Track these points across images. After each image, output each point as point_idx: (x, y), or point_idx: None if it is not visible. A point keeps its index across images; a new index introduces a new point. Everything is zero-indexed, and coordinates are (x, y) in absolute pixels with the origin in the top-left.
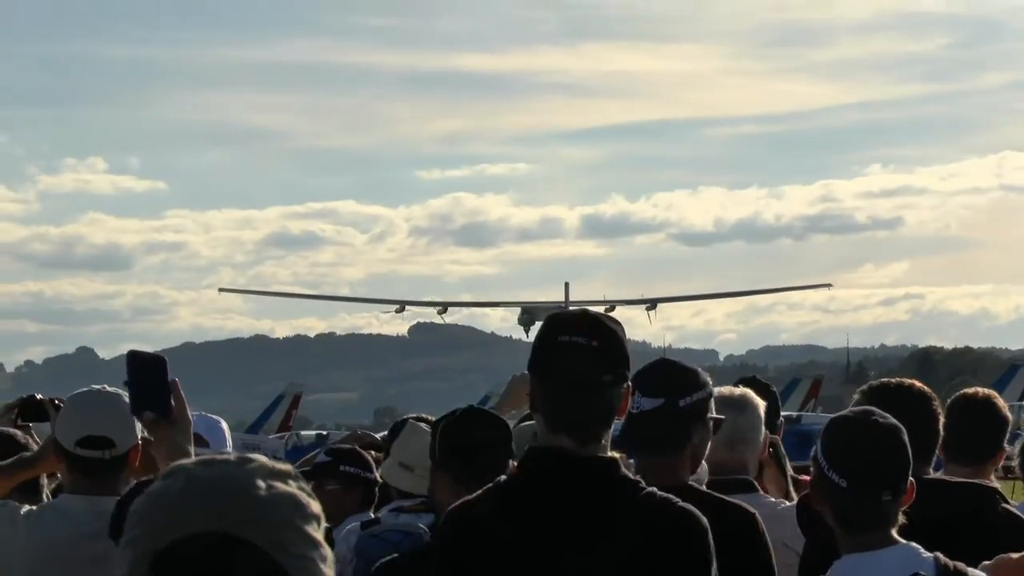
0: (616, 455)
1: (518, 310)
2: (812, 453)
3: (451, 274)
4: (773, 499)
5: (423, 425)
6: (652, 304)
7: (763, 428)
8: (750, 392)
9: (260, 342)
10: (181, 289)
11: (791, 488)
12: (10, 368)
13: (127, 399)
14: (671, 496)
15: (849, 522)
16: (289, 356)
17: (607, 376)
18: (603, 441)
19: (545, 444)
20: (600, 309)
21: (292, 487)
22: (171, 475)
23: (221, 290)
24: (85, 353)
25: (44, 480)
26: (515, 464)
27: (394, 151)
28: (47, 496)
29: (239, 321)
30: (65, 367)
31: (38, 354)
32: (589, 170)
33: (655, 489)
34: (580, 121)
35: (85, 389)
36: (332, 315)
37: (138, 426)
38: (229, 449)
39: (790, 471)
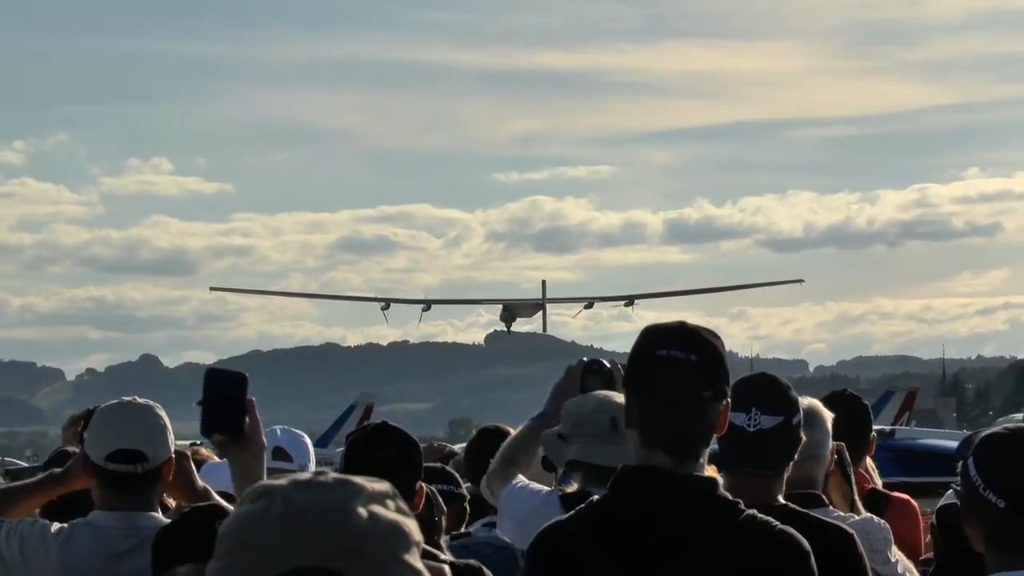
0: (714, 474)
1: (546, 310)
2: (960, 469)
3: (529, 280)
4: (842, 512)
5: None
6: (630, 301)
7: (831, 440)
8: (817, 404)
9: (331, 350)
10: (250, 296)
11: (856, 496)
12: (71, 376)
13: (159, 411)
14: (771, 519)
15: (1005, 544)
16: (361, 365)
17: (706, 392)
18: (701, 460)
19: (640, 462)
20: (579, 307)
21: (393, 511)
22: (263, 497)
23: (212, 289)
24: (148, 361)
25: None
26: (422, 486)
27: (469, 152)
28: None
29: (309, 329)
30: (128, 375)
31: (100, 362)
32: (673, 173)
33: (755, 511)
34: (663, 122)
35: (115, 401)
36: (405, 322)
37: (171, 438)
38: (312, 464)
39: (871, 479)
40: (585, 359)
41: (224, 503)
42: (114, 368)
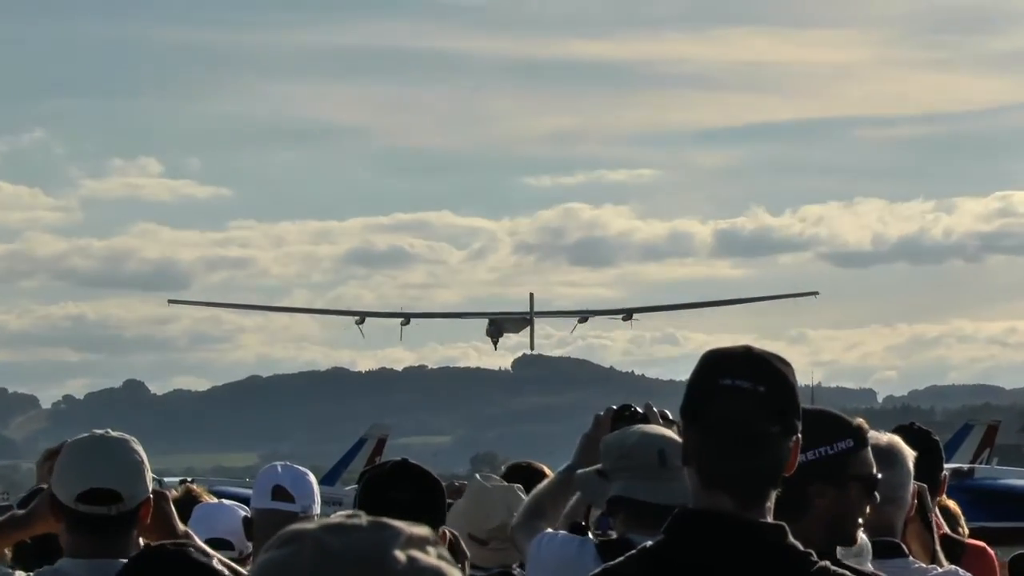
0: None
1: (535, 325)
2: None
3: (563, 298)
4: (924, 564)
5: (496, 479)
6: (628, 315)
7: (912, 483)
8: (898, 441)
9: (339, 376)
10: (248, 314)
11: (937, 546)
12: (46, 403)
13: (135, 445)
14: (847, 572)
15: None
16: (373, 392)
17: (775, 426)
18: (768, 503)
19: (700, 505)
20: (572, 321)
21: (434, 558)
22: (292, 542)
23: (171, 302)
24: (134, 387)
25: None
26: (445, 532)
27: (496, 153)
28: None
29: (314, 351)
30: (111, 403)
31: (79, 388)
32: (724, 177)
33: (828, 563)
34: (714, 119)
35: (85, 434)
36: (422, 344)
37: (149, 476)
38: (317, 505)
39: (944, 527)
40: (615, 406)
41: (208, 549)
42: (95, 395)
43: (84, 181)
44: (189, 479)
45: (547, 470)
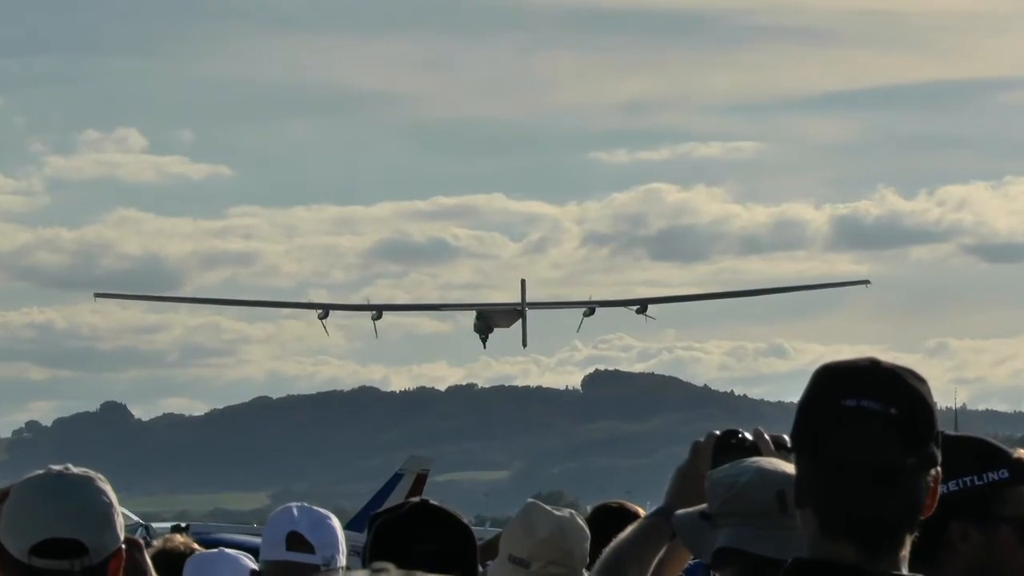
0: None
1: (527, 318)
2: None
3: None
4: None
5: (546, 507)
6: (642, 307)
7: None
8: None
9: (368, 397)
10: (252, 320)
11: None
12: (5, 431)
13: (102, 484)
14: None
15: None
16: (409, 417)
17: (911, 458)
18: (902, 552)
19: (818, 555)
20: (577, 312)
21: None
22: None
23: (97, 295)
24: (113, 411)
25: None
26: None
27: (558, 124)
28: None
29: (337, 367)
30: (84, 431)
31: (45, 412)
32: (843, 153)
33: None
34: (828, 82)
35: (40, 472)
36: (471, 359)
37: (119, 523)
38: (342, 555)
39: None
40: (717, 432)
41: None
42: (65, 421)
43: (49, 158)
44: (183, 524)
45: (641, 512)
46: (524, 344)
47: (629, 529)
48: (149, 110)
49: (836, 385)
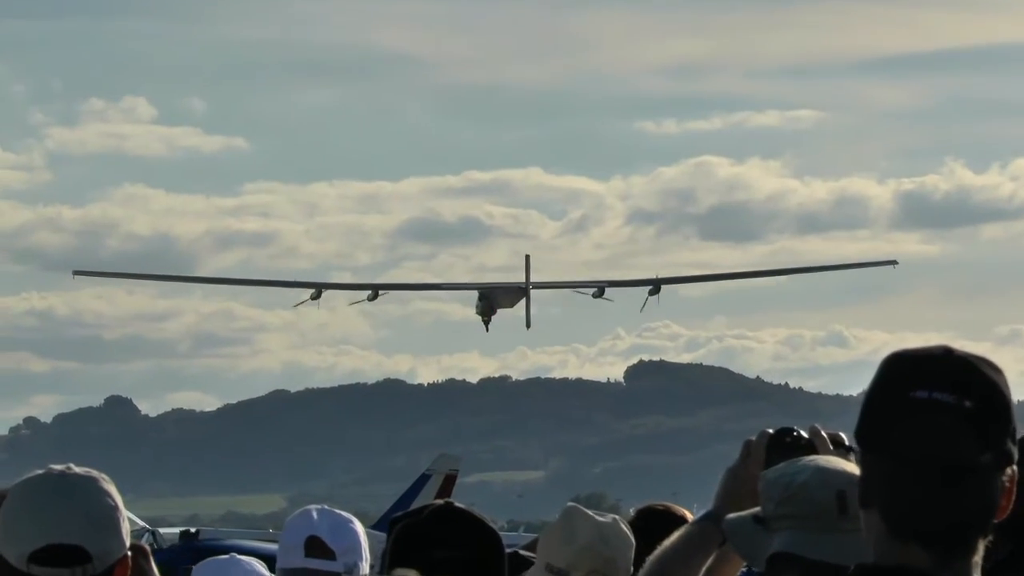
0: None
1: (531, 297)
2: None
3: (691, 284)
4: None
5: (587, 512)
6: (656, 287)
7: None
8: None
9: (393, 390)
10: (270, 307)
11: None
12: (2, 429)
13: (106, 485)
14: None
15: None
16: (439, 413)
17: (985, 454)
18: (975, 558)
19: (885, 560)
20: (587, 292)
21: None
22: None
23: (76, 273)
24: (118, 406)
25: None
26: None
27: (600, 90)
28: None
29: (360, 357)
30: (88, 426)
31: (46, 407)
32: (910, 121)
33: None
34: (895, 44)
35: (40, 472)
36: (506, 348)
37: (125, 527)
38: (365, 561)
39: None
40: (770, 430)
41: None
42: (67, 416)
43: (51, 130)
44: (192, 530)
45: (689, 515)
46: (528, 325)
47: (675, 535)
48: (158, 77)
49: (906, 375)
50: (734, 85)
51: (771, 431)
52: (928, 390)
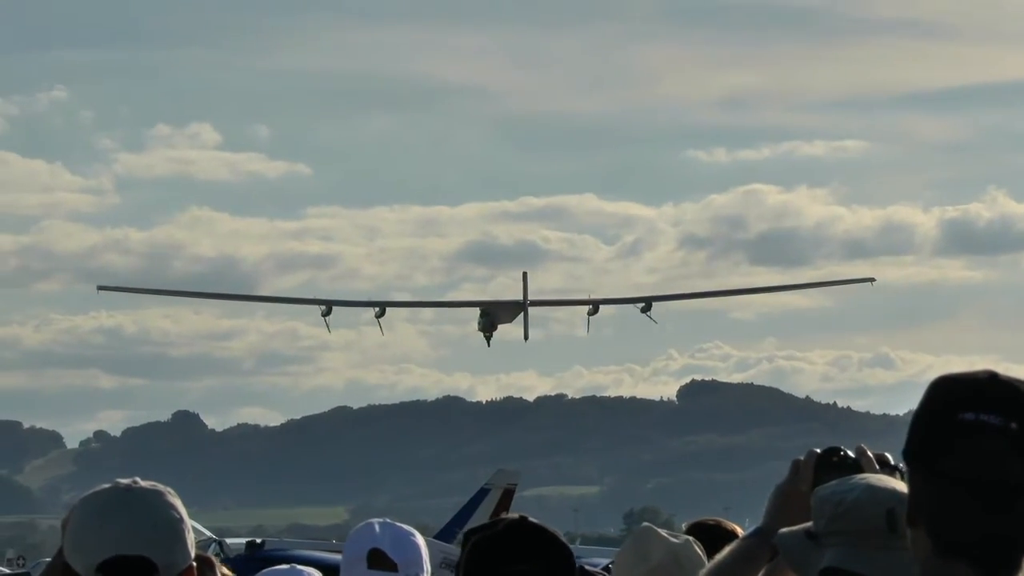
0: None
1: (528, 313)
2: None
3: (743, 307)
4: None
5: (661, 532)
6: (647, 304)
7: None
8: None
9: (452, 407)
10: (334, 327)
11: None
12: (72, 442)
13: (171, 498)
14: None
15: None
16: (497, 429)
17: None
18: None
19: None
20: (582, 311)
21: None
22: None
23: (101, 288)
24: (186, 421)
25: None
26: None
27: (653, 120)
28: None
29: (420, 376)
30: (156, 442)
31: (115, 422)
32: (954, 152)
33: None
34: (939, 78)
35: (107, 486)
36: (563, 367)
37: (190, 539)
38: (426, 572)
39: None
40: (818, 450)
41: None
42: (136, 431)
43: (119, 155)
44: (258, 540)
45: (739, 530)
46: (526, 338)
47: (726, 550)
48: (224, 104)
49: (953, 398)
50: (783, 116)
51: (819, 451)
52: (975, 412)
